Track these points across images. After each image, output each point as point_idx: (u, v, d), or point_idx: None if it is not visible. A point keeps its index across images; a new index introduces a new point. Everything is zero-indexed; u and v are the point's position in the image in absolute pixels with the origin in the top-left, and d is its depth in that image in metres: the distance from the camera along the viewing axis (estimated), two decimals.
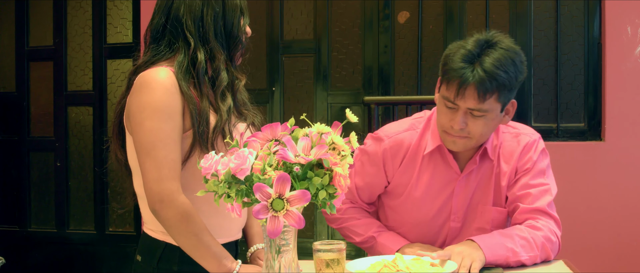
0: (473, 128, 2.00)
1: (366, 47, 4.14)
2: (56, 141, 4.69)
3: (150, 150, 1.75)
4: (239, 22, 1.92)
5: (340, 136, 1.53)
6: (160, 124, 1.75)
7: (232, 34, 1.90)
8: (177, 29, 1.87)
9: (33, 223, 4.77)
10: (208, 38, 1.86)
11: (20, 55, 4.74)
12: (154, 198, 1.75)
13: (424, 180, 2.17)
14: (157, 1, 1.96)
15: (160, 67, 1.82)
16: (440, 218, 2.20)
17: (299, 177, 1.46)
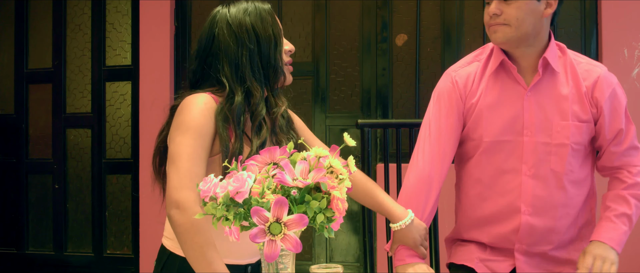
0: (507, 12, 2.07)
1: (364, 69, 4.16)
2: (54, 164, 4.69)
3: (176, 160, 1.84)
4: (275, 52, 1.98)
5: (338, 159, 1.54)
6: (188, 140, 1.84)
7: (270, 65, 1.98)
8: (214, 75, 1.96)
9: (31, 245, 4.75)
10: (244, 78, 1.94)
11: (19, 77, 4.75)
12: (171, 203, 1.79)
13: (493, 96, 2.19)
14: (197, 44, 2.03)
15: (201, 93, 1.92)
16: (512, 133, 2.18)
17: (297, 201, 1.46)
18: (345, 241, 4.20)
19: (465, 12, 4.06)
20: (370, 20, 4.17)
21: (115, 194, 4.59)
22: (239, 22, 1.97)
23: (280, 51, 2.00)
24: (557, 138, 2.13)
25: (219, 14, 2.00)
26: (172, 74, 4.37)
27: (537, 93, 2.15)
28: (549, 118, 2.14)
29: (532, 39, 2.12)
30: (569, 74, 2.16)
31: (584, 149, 2.18)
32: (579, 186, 2.19)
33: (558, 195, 2.15)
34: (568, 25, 3.94)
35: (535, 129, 2.14)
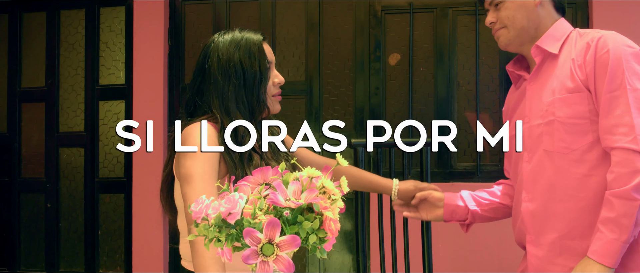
0: (500, 16, 2.15)
1: (357, 88, 4.17)
2: (47, 183, 4.67)
3: (191, 181, 1.94)
4: (259, 87, 2.05)
5: (331, 180, 1.54)
6: (198, 162, 1.95)
7: (254, 99, 2.05)
8: (206, 106, 2.07)
9: (23, 265, 4.73)
10: (230, 110, 2.04)
11: (12, 96, 4.74)
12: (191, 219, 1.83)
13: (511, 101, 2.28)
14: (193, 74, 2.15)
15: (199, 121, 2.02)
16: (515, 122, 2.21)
17: (289, 221, 1.46)
18: (339, 260, 4.19)
19: (457, 31, 4.08)
20: (363, 39, 4.18)
21: (108, 213, 4.58)
22: (227, 57, 2.06)
23: (265, 85, 2.07)
24: (546, 116, 2.05)
25: (212, 45, 2.09)
26: (166, 94, 4.38)
27: (536, 80, 2.15)
28: (542, 100, 2.09)
29: (533, 31, 2.14)
30: (572, 51, 2.08)
31: (580, 123, 1.99)
32: (581, 164, 1.99)
33: (554, 175, 2.04)
34: None
35: (532, 114, 2.12)
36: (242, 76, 2.05)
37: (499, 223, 3.87)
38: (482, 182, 3.96)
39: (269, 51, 2.11)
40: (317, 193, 1.48)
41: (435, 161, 4.03)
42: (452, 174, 4.02)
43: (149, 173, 4.32)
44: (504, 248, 3.87)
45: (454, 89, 4.06)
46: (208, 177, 1.94)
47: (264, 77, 2.06)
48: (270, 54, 2.11)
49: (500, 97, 4.01)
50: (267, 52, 2.09)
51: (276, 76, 2.10)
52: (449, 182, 3.98)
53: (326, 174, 1.55)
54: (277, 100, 2.12)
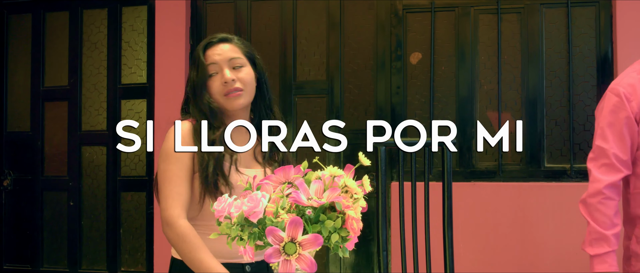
0: None
1: (378, 87, 4.16)
2: (70, 181, 4.70)
3: (161, 187, 2.16)
4: (202, 91, 2.22)
5: (353, 178, 1.54)
6: (169, 165, 2.17)
7: (204, 102, 2.22)
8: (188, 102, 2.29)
9: (45, 262, 4.76)
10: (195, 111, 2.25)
11: (35, 95, 4.78)
12: (163, 223, 2.11)
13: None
14: None
15: (182, 121, 2.24)
16: None
17: (312, 220, 1.46)
18: (359, 260, 4.18)
19: (479, 30, 4.06)
20: (384, 38, 4.17)
21: (129, 211, 4.60)
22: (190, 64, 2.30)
23: (204, 94, 2.22)
24: None
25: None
26: None
27: None
28: None
29: None
30: None
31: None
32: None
33: None
34: (582, 43, 3.93)
35: None
36: (191, 80, 2.25)
37: (520, 224, 3.85)
38: (504, 181, 3.94)
39: (214, 53, 2.22)
40: (339, 192, 1.49)
41: (457, 160, 4.02)
42: (474, 173, 4.00)
43: None
44: (525, 249, 3.85)
45: (476, 89, 4.05)
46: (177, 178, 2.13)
47: (202, 86, 2.22)
48: (214, 57, 2.22)
49: (522, 97, 3.99)
50: (208, 57, 2.23)
51: (223, 76, 2.20)
52: (471, 181, 3.97)
53: (348, 173, 1.54)
54: (229, 98, 2.20)
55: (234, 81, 2.18)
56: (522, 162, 3.98)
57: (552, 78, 3.96)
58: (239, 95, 2.20)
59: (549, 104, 3.96)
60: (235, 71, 2.20)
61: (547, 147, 3.95)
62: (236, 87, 2.19)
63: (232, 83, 2.18)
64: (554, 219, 3.84)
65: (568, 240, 3.82)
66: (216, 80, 2.20)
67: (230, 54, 2.22)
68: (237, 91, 2.19)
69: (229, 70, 2.19)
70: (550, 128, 3.96)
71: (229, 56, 2.21)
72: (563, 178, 3.91)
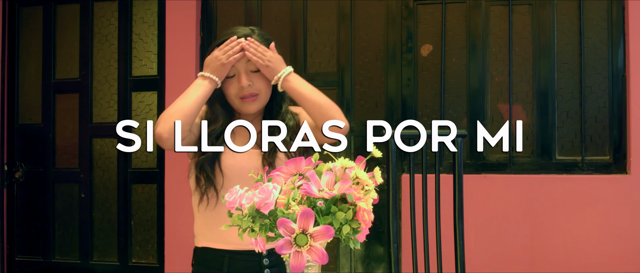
0: None
1: (389, 79, 4.15)
2: (81, 173, 4.72)
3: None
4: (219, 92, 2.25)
5: (364, 170, 1.53)
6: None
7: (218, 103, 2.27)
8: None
9: (57, 254, 4.79)
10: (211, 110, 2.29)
11: (46, 87, 4.80)
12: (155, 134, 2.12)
13: None
14: None
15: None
16: None
17: (323, 212, 1.45)
18: (370, 251, 4.18)
19: (490, 22, 4.05)
20: (395, 30, 4.16)
21: (140, 203, 4.61)
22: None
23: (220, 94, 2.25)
24: None
25: None
26: None
27: None
28: None
29: None
30: None
31: None
32: None
33: None
34: (594, 34, 3.91)
35: None
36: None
37: (531, 216, 3.84)
38: (515, 174, 3.93)
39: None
40: (350, 184, 1.48)
41: (468, 152, 4.01)
42: (485, 166, 3.99)
43: (181, 164, 4.35)
44: (536, 241, 3.84)
45: (487, 80, 4.03)
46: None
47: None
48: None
49: (533, 89, 3.97)
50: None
51: (240, 81, 2.20)
52: (482, 174, 3.96)
53: (360, 165, 1.54)
54: (245, 102, 2.22)
55: (250, 86, 2.19)
56: (533, 154, 3.97)
57: (564, 70, 3.94)
58: (254, 100, 2.22)
59: (561, 96, 3.94)
60: (252, 75, 2.20)
61: (559, 139, 3.94)
62: (251, 92, 2.20)
63: (248, 88, 2.19)
64: (564, 211, 3.83)
65: (579, 233, 3.81)
66: (233, 82, 2.22)
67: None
68: (252, 96, 2.21)
69: (246, 75, 2.19)
70: (562, 120, 3.94)
71: (247, 59, 2.20)
72: (574, 170, 3.90)
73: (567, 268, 3.81)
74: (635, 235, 3.76)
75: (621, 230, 3.77)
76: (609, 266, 3.76)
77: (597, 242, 3.79)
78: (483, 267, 3.86)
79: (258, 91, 2.21)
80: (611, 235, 3.78)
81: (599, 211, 3.79)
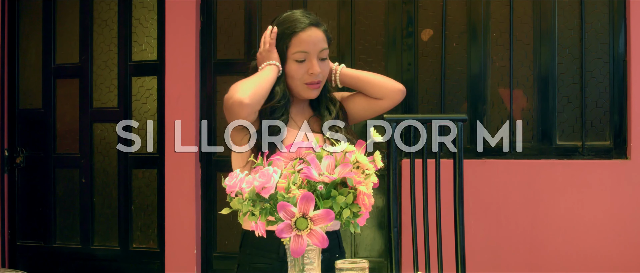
0: None
1: (389, 64, 4.14)
2: (81, 158, 4.72)
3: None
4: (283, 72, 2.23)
5: (365, 154, 1.54)
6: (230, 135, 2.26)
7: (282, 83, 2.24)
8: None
9: (58, 239, 4.80)
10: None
11: (46, 72, 4.79)
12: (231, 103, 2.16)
13: None
14: None
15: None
16: None
17: (323, 196, 1.46)
18: (370, 236, 4.19)
19: (491, 6, 4.04)
20: (395, 15, 4.15)
21: (141, 188, 4.62)
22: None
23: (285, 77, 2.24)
24: None
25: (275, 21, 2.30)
26: (198, 69, 4.39)
27: None
28: None
29: None
30: None
31: None
32: None
33: None
34: (595, 20, 3.90)
35: None
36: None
37: (531, 201, 3.85)
38: (515, 159, 3.93)
39: (308, 41, 2.21)
40: (350, 168, 1.49)
41: (468, 137, 4.01)
42: (485, 150, 4.00)
43: None
44: (536, 226, 3.85)
45: (488, 65, 4.03)
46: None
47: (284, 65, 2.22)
48: (307, 44, 2.20)
49: (534, 74, 3.97)
50: (300, 42, 2.20)
51: (311, 68, 2.20)
52: (482, 159, 3.96)
53: (360, 149, 1.54)
54: (310, 89, 2.23)
55: (319, 74, 2.22)
56: (534, 139, 3.97)
57: (565, 55, 3.94)
58: (318, 87, 2.25)
59: (561, 81, 3.94)
60: (321, 63, 2.23)
61: (559, 124, 3.94)
62: (319, 80, 2.24)
63: (317, 76, 2.22)
64: (565, 196, 3.83)
65: (579, 217, 3.81)
66: (301, 67, 2.22)
67: (322, 44, 2.24)
68: (318, 83, 2.24)
69: (318, 62, 2.21)
70: (562, 105, 3.94)
71: (320, 47, 2.24)
72: (575, 155, 3.90)
73: (567, 253, 3.82)
74: (635, 219, 3.76)
75: (621, 215, 3.78)
76: (608, 250, 3.77)
77: (597, 226, 3.79)
78: (483, 251, 3.87)
79: (323, 79, 2.25)
80: (611, 219, 3.78)
81: (599, 196, 3.80)
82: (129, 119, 4.59)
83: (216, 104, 4.41)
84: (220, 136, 4.41)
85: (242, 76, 3.99)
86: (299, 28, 2.21)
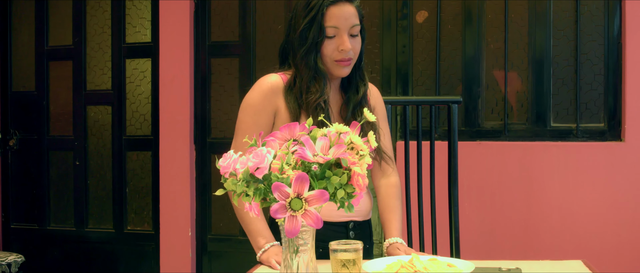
0: None
1: (384, 47, 4.13)
2: (75, 140, 4.71)
3: (235, 136, 2.20)
4: (315, 48, 2.14)
5: (359, 135, 1.53)
6: (245, 117, 2.18)
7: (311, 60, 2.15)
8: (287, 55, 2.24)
9: (52, 221, 4.79)
10: (297, 64, 2.17)
11: (39, 54, 4.77)
12: None
13: None
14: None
15: (273, 74, 2.23)
16: None
17: (317, 176, 1.46)
18: None
19: None
20: None
21: (135, 171, 4.61)
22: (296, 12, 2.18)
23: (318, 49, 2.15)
24: None
25: None
26: (192, 51, 4.37)
27: None
28: None
29: None
30: None
31: None
32: None
33: None
34: (590, 2, 3.90)
35: None
36: (303, 35, 2.14)
37: (525, 183, 3.85)
38: (510, 141, 3.94)
39: (338, 15, 2.13)
40: (345, 149, 1.48)
41: (462, 119, 4.01)
42: (479, 133, 4.00)
43: (176, 131, 4.34)
44: (530, 208, 3.86)
45: (482, 47, 4.02)
46: (250, 132, 2.08)
47: (315, 42, 2.13)
48: (337, 19, 2.13)
49: (529, 56, 3.96)
50: (330, 17, 2.12)
51: (342, 44, 2.13)
52: (476, 141, 3.96)
53: (354, 130, 1.54)
54: (340, 65, 2.16)
55: (350, 51, 2.15)
56: (528, 121, 3.97)
57: (560, 37, 3.93)
58: (349, 64, 2.19)
59: (556, 63, 3.94)
60: (352, 39, 2.16)
61: (554, 106, 3.94)
62: (350, 57, 2.17)
63: (348, 53, 2.15)
64: (559, 178, 3.84)
65: (573, 200, 3.83)
66: (332, 43, 2.14)
67: (353, 20, 2.16)
68: (349, 61, 2.17)
69: (348, 38, 2.14)
70: (557, 87, 3.94)
71: (351, 23, 2.16)
72: (569, 137, 3.90)
73: (561, 235, 3.84)
74: (628, 201, 3.78)
75: (615, 197, 3.79)
76: (602, 232, 3.78)
77: (591, 208, 3.80)
78: (477, 233, 3.88)
79: (354, 56, 2.19)
80: (605, 201, 3.79)
81: (593, 178, 3.80)
82: (123, 102, 4.58)
83: (210, 86, 4.40)
84: (214, 118, 4.40)
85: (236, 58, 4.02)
86: (328, 1, 2.12)
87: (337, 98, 2.27)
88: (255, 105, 2.17)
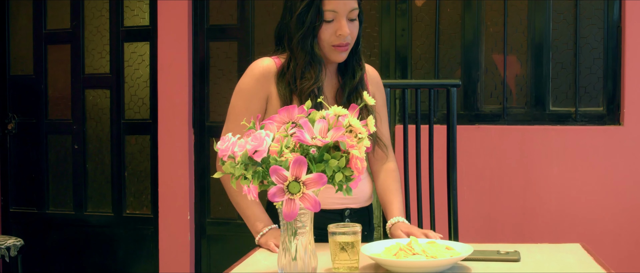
0: None
1: (383, 30, 4.12)
2: (74, 124, 4.71)
3: (226, 121, 2.20)
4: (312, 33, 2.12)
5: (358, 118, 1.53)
6: (238, 102, 2.18)
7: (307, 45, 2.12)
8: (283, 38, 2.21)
9: (51, 205, 4.80)
10: (293, 49, 2.15)
11: (37, 38, 4.75)
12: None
13: None
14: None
15: (266, 57, 2.21)
16: None
17: (316, 159, 1.45)
18: None
19: None
20: None
21: (134, 154, 4.61)
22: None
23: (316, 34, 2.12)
24: None
25: None
26: (190, 35, 4.36)
27: None
28: None
29: None
30: None
31: None
32: None
33: None
34: None
35: None
36: (301, 18, 2.11)
37: (524, 167, 3.86)
38: (509, 125, 3.93)
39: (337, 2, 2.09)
40: (343, 132, 1.48)
41: (461, 103, 4.00)
42: (478, 116, 3.99)
43: (174, 115, 4.34)
44: (529, 192, 3.87)
45: (482, 31, 4.01)
46: (241, 117, 2.00)
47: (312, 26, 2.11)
48: (336, 3, 2.09)
49: (528, 40, 3.95)
50: (329, 2, 2.09)
51: (340, 28, 2.11)
52: (475, 124, 3.96)
53: (353, 113, 1.54)
54: (338, 51, 2.14)
55: (348, 36, 2.12)
56: (527, 105, 3.96)
57: (559, 21, 3.92)
58: (346, 50, 2.16)
59: (555, 47, 3.93)
60: (350, 23, 2.13)
61: (553, 90, 3.93)
62: (348, 42, 2.14)
63: (346, 38, 2.12)
64: (558, 162, 3.84)
65: (572, 184, 3.83)
66: (330, 27, 2.11)
67: (352, 4, 2.13)
68: (346, 46, 2.15)
69: (347, 23, 2.11)
70: (556, 71, 3.93)
71: (351, 7, 2.12)
72: (568, 121, 3.90)
73: (559, 219, 3.84)
74: (627, 186, 3.78)
75: (614, 181, 3.79)
76: (601, 216, 3.79)
77: (589, 192, 3.81)
78: (476, 217, 3.89)
79: (352, 40, 2.17)
80: (604, 185, 3.80)
81: (592, 162, 3.81)
82: (121, 85, 4.57)
83: (209, 69, 4.39)
84: (213, 102, 4.39)
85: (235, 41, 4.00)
86: None
87: (333, 82, 2.26)
88: (248, 90, 2.17)
